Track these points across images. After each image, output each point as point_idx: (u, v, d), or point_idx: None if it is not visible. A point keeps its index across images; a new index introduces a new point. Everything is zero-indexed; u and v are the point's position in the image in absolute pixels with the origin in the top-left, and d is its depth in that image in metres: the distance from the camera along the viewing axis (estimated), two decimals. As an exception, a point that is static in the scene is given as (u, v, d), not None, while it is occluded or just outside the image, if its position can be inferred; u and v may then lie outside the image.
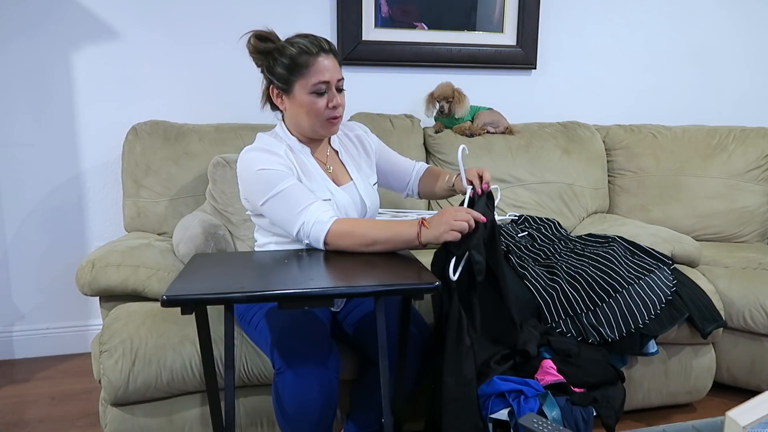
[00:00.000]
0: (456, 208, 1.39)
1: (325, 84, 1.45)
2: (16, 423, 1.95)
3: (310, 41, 1.45)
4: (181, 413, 1.62)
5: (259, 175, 1.43)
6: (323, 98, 1.46)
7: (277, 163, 1.45)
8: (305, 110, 1.47)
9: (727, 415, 0.86)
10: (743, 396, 2.05)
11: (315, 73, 1.43)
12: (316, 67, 1.43)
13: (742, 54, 2.99)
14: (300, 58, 1.43)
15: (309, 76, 1.44)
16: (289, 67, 1.44)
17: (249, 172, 1.45)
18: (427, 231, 1.36)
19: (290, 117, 1.53)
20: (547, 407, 1.46)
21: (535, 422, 1.05)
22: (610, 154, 2.66)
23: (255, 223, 1.60)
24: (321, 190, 1.52)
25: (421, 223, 1.37)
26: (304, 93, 1.45)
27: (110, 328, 1.59)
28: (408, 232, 1.38)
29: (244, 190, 1.50)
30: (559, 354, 1.65)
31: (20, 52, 2.27)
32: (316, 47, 1.44)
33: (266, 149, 1.47)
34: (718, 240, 2.53)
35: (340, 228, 1.39)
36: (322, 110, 1.47)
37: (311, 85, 1.44)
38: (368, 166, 1.69)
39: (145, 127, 2.18)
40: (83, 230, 2.44)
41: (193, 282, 1.19)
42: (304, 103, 1.46)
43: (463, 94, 2.48)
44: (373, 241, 1.39)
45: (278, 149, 1.49)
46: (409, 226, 1.39)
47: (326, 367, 1.35)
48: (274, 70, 1.47)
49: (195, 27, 2.40)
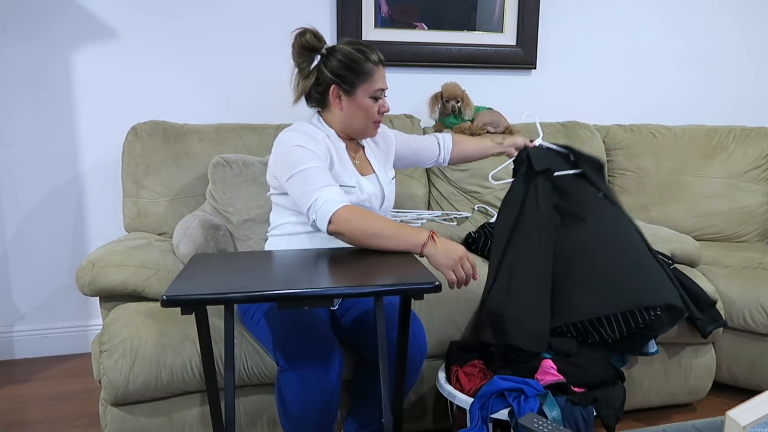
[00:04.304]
0: (470, 256, 1.40)
1: (381, 91, 1.59)
2: (16, 423, 1.95)
3: (370, 49, 1.57)
4: (181, 413, 1.62)
5: (291, 151, 1.50)
6: (377, 104, 1.59)
7: (312, 146, 1.51)
8: (363, 112, 1.58)
9: (727, 414, 0.86)
10: (743, 396, 2.05)
11: (377, 80, 1.57)
12: (377, 75, 1.57)
13: (742, 54, 2.99)
14: (366, 64, 1.55)
15: (372, 82, 1.56)
16: (355, 70, 1.55)
17: (283, 147, 1.52)
18: (434, 247, 1.38)
19: (343, 116, 1.60)
20: (547, 407, 1.46)
21: (535, 422, 1.05)
22: (610, 154, 2.66)
23: (275, 203, 1.65)
24: (349, 176, 1.58)
25: (432, 236, 1.39)
26: (365, 97, 1.57)
27: (110, 328, 1.59)
28: (416, 236, 1.39)
29: (274, 166, 1.55)
30: (559, 354, 1.65)
31: (20, 53, 2.27)
32: (376, 56, 1.57)
33: (305, 132, 1.55)
34: (718, 240, 2.53)
35: (348, 211, 1.41)
36: (375, 114, 1.60)
37: (373, 91, 1.57)
38: (388, 161, 1.78)
39: (145, 127, 2.18)
40: (83, 230, 2.44)
41: (193, 282, 1.19)
42: (363, 105, 1.58)
43: (467, 95, 2.49)
44: (377, 232, 1.39)
45: (317, 134, 1.56)
46: (418, 231, 1.40)
47: (329, 366, 1.35)
48: (335, 71, 1.55)
49: (195, 27, 2.40)
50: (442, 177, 2.43)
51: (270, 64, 2.50)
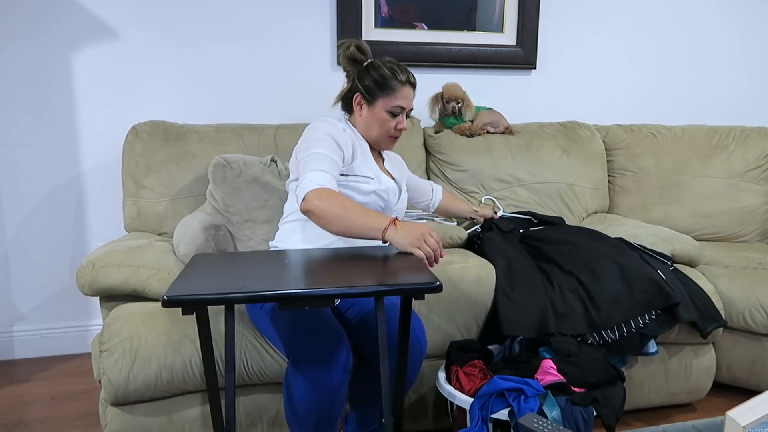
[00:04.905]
0: (433, 230, 1.42)
1: (401, 109, 1.68)
2: (16, 423, 1.95)
3: (402, 70, 1.67)
4: (181, 413, 1.62)
5: (313, 135, 1.58)
6: (395, 119, 1.68)
7: (338, 136, 1.59)
8: (378, 123, 1.68)
9: (727, 414, 0.86)
10: (743, 396, 2.05)
11: (398, 98, 1.66)
12: (400, 93, 1.66)
13: (742, 54, 2.99)
14: (391, 81, 1.65)
15: (392, 98, 1.66)
16: (380, 84, 1.65)
17: (310, 132, 1.61)
18: (395, 231, 1.40)
19: (363, 122, 1.71)
20: (547, 407, 1.46)
21: (535, 422, 1.05)
22: (610, 154, 2.66)
23: (291, 191, 1.71)
24: (369, 168, 1.66)
25: (393, 221, 1.41)
26: (383, 110, 1.67)
27: (110, 328, 1.59)
28: (377, 221, 1.41)
29: (296, 149, 1.63)
30: (559, 354, 1.65)
31: (20, 52, 2.27)
32: (405, 77, 1.67)
33: (333, 123, 1.64)
34: (718, 240, 2.53)
35: (326, 191, 1.45)
36: (391, 129, 1.69)
37: (391, 106, 1.66)
38: (402, 177, 1.86)
39: (145, 127, 2.18)
40: (83, 230, 2.44)
41: (193, 282, 1.19)
42: (379, 117, 1.67)
43: (468, 96, 2.49)
44: (343, 214, 1.41)
45: (343, 128, 1.66)
46: (381, 217, 1.42)
47: (338, 362, 1.36)
48: (364, 81, 1.67)
49: (195, 27, 2.40)
50: (442, 177, 2.44)
51: (270, 64, 2.50)
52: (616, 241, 1.97)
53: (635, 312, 1.76)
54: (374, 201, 1.64)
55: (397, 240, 1.40)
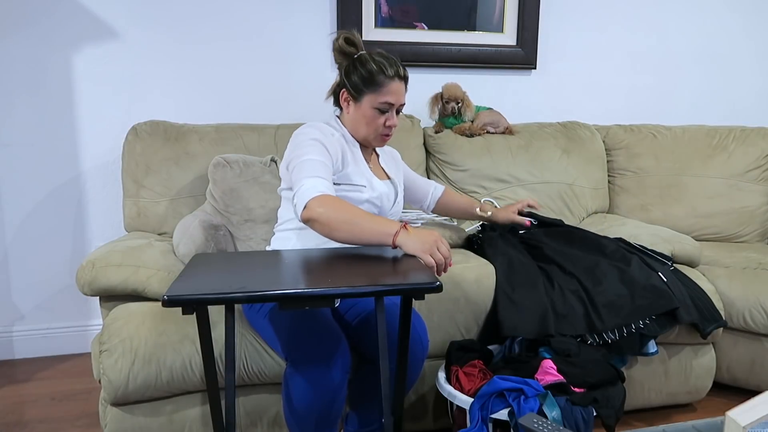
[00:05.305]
0: (444, 240, 1.40)
1: (390, 105, 1.59)
2: (16, 423, 1.95)
3: (390, 63, 1.58)
4: (181, 413, 1.62)
5: (302, 141, 1.53)
6: (383, 116, 1.60)
7: (326, 141, 1.54)
8: (366, 121, 1.61)
9: (727, 415, 0.86)
10: (743, 396, 2.05)
11: (385, 94, 1.57)
12: (388, 89, 1.57)
13: (742, 54, 2.99)
14: (378, 76, 1.56)
15: (379, 94, 1.57)
16: (366, 80, 1.57)
17: (298, 139, 1.55)
18: (406, 237, 1.36)
19: (351, 120, 1.65)
20: (547, 407, 1.46)
21: (535, 422, 1.05)
22: (610, 154, 2.66)
23: (284, 197, 1.67)
24: (360, 175, 1.61)
25: (404, 226, 1.38)
26: (369, 106, 1.59)
27: (110, 328, 1.59)
28: (387, 226, 1.38)
29: (286, 156, 1.58)
30: (559, 354, 1.65)
31: (20, 52, 2.27)
32: (393, 71, 1.58)
33: (321, 128, 1.59)
34: (718, 240, 2.53)
35: (325, 198, 1.41)
36: (380, 126, 1.61)
37: (378, 102, 1.58)
38: (399, 173, 1.83)
39: (145, 127, 2.18)
40: (83, 230, 2.44)
41: (193, 282, 1.19)
42: (366, 114, 1.60)
43: (468, 97, 2.49)
44: (349, 220, 1.37)
45: (333, 133, 1.61)
46: (389, 222, 1.40)
47: (337, 363, 1.36)
48: (350, 77, 1.60)
49: (195, 27, 2.40)
50: (442, 177, 2.44)
51: (270, 64, 2.50)
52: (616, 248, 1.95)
53: (635, 317, 1.76)
54: (367, 209, 1.60)
55: (408, 245, 1.36)
